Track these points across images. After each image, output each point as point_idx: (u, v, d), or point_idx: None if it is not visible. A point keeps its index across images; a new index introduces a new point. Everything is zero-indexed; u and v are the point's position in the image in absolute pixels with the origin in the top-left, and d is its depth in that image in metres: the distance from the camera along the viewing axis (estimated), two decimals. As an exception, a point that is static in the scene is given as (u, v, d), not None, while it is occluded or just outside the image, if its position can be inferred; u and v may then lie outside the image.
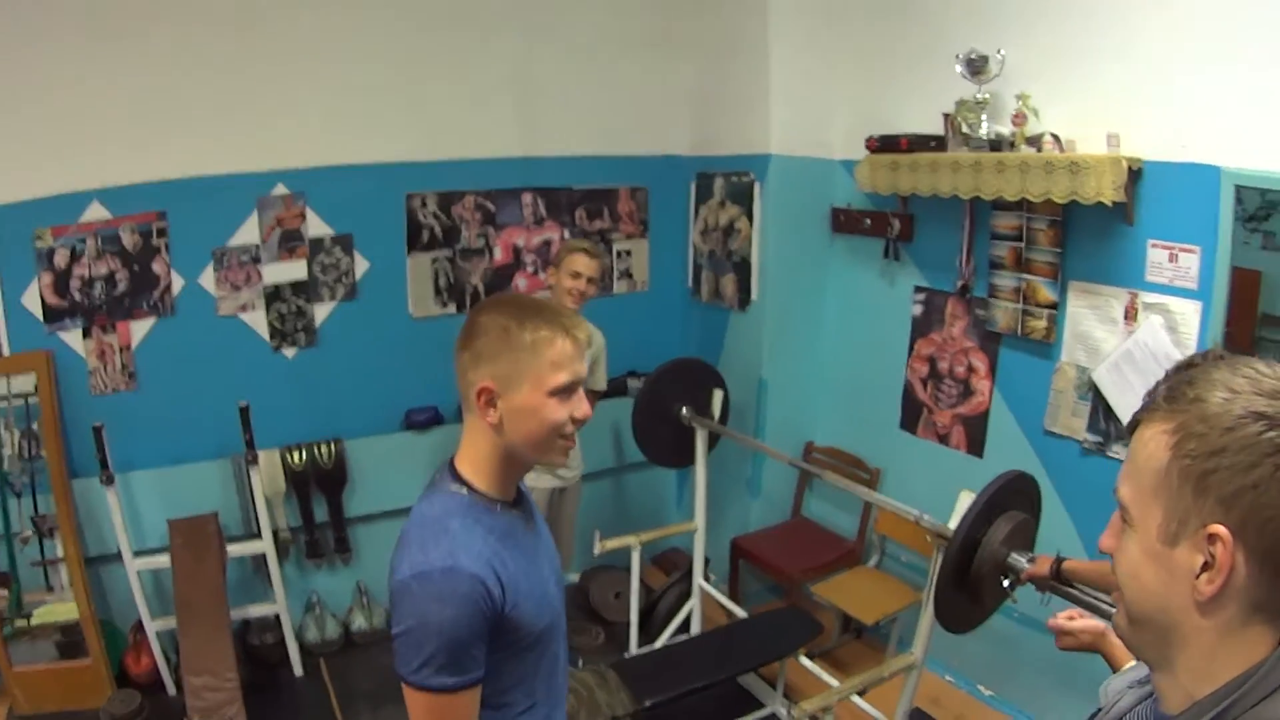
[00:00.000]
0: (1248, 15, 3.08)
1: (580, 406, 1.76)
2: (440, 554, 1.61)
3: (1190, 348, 3.37)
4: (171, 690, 4.09)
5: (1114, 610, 2.47)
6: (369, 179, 4.26)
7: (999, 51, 3.72)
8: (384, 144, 4.26)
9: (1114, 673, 2.08)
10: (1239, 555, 0.96)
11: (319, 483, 4.35)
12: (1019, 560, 2.81)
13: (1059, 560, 2.73)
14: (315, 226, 4.21)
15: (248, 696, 3.86)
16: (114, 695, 3.75)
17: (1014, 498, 2.97)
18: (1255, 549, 0.96)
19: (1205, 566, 0.99)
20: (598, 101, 4.82)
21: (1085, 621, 2.15)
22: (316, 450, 4.31)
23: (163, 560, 3.93)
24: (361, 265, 4.35)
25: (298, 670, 4.32)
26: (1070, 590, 2.73)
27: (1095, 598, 2.64)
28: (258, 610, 4.25)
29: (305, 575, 4.53)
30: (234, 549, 4.10)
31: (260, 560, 4.23)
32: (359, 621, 4.53)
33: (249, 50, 3.93)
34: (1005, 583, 2.86)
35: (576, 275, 3.95)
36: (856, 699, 3.63)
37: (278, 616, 4.26)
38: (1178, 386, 1.05)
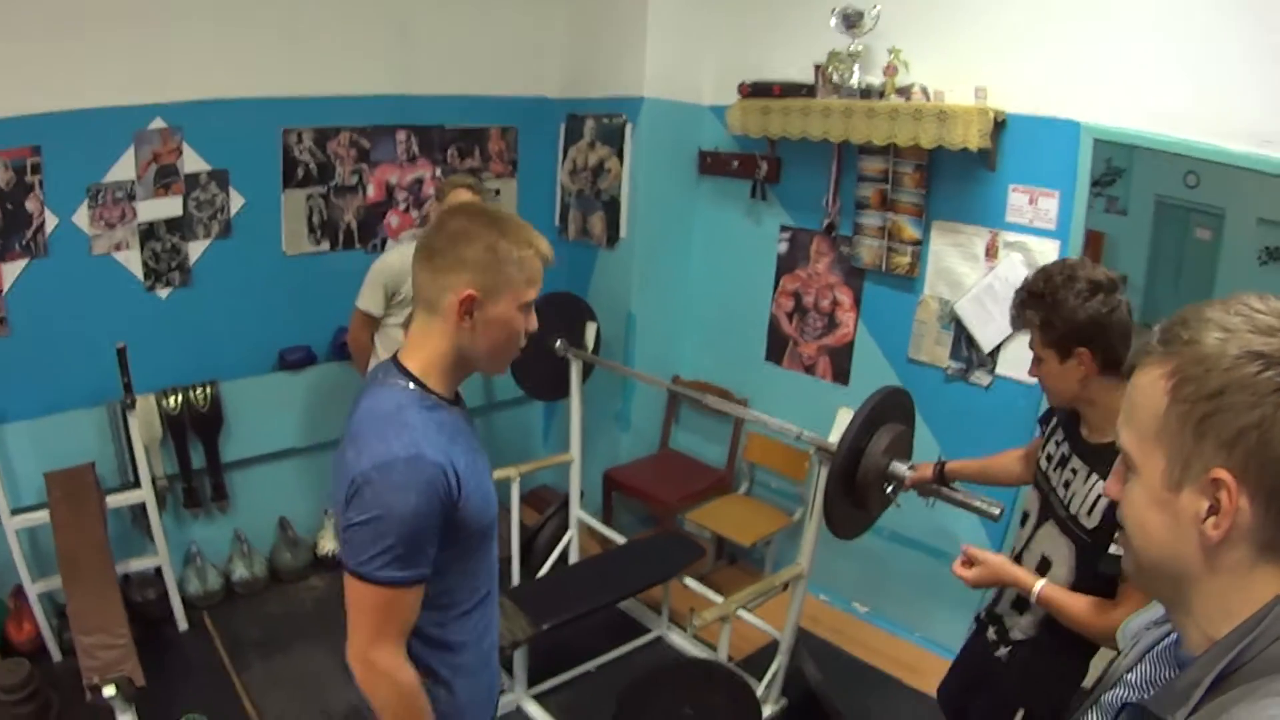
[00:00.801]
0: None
1: (532, 320, 1.92)
2: (402, 444, 1.70)
3: (1049, 283, 3.85)
4: (57, 655, 3.96)
5: (994, 509, 2.87)
6: (246, 113, 4.17)
7: (874, 8, 4.05)
8: (262, 78, 4.19)
9: (1029, 598, 2.38)
10: (1243, 497, 0.98)
11: (195, 427, 4.28)
12: (900, 468, 3.08)
13: (941, 464, 3.07)
14: (192, 162, 4.09)
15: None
16: (-1, 666, 3.63)
17: (892, 411, 3.22)
18: (1259, 490, 0.98)
19: (1211, 511, 1.01)
20: (473, 41, 4.87)
21: (987, 552, 2.47)
22: (192, 393, 4.23)
23: (41, 517, 3.77)
24: (237, 201, 4.27)
25: (182, 625, 4.26)
26: (953, 493, 3.06)
27: (978, 500, 2.98)
28: (138, 564, 4.15)
29: (183, 525, 4.45)
30: (112, 500, 3.97)
31: (139, 511, 4.12)
32: (240, 571, 4.49)
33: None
34: (889, 489, 3.14)
35: None
36: (745, 613, 3.94)
37: (159, 570, 4.18)
38: (1171, 328, 1.07)
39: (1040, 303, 2.24)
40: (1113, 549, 2.19)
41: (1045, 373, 2.32)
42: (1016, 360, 4.00)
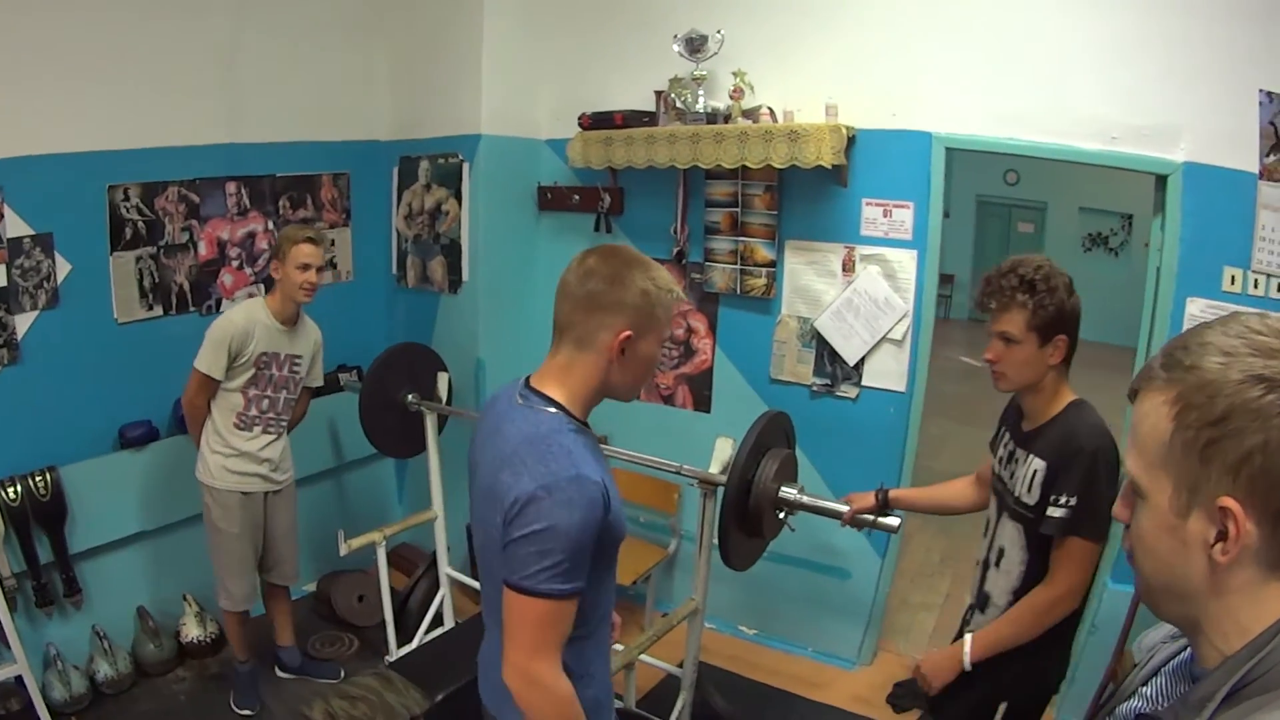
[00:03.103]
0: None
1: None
2: (563, 465, 1.91)
3: (909, 292, 4.35)
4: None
5: (893, 523, 3.19)
6: (70, 169, 4.11)
7: (718, 31, 4.44)
8: (86, 131, 4.14)
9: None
10: (1250, 522, 1.03)
11: (39, 519, 4.12)
12: (790, 492, 3.31)
13: (884, 491, 3.29)
14: (14, 225, 3.98)
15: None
16: None
17: (775, 435, 3.43)
18: (1265, 512, 1.03)
19: (1219, 536, 1.06)
20: (303, 85, 4.99)
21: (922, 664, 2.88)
22: (31, 482, 4.07)
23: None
24: (63, 268, 4.17)
25: None
26: (888, 520, 3.32)
27: (883, 517, 3.30)
28: (-5, 675, 3.89)
29: (38, 626, 4.25)
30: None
31: (-14, 618, 3.86)
32: (104, 669, 4.34)
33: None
34: (781, 515, 3.36)
35: (305, 267, 4.00)
36: (645, 656, 4.01)
37: (19, 678, 3.96)
38: (1172, 354, 1.13)
39: (1034, 289, 2.56)
40: (1051, 511, 2.54)
41: (1017, 356, 2.62)
42: (882, 371, 4.48)
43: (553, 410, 2.06)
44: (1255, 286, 3.75)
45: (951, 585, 5.99)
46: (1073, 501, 2.50)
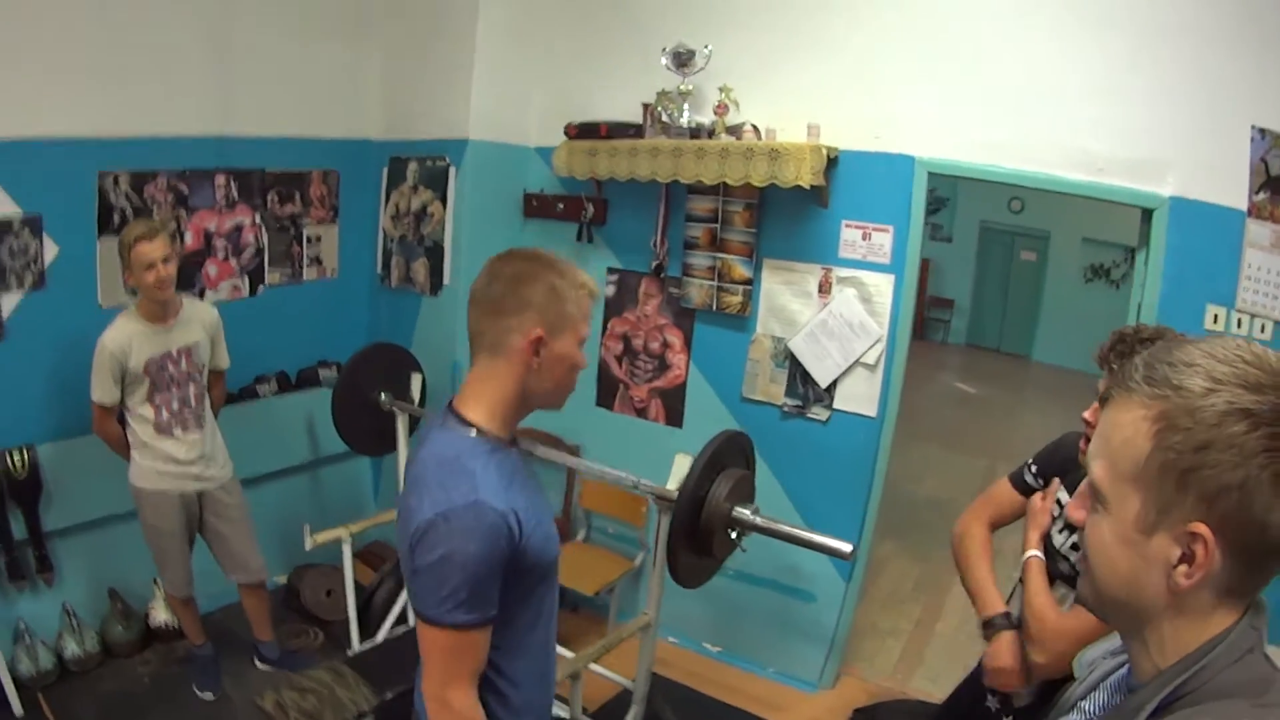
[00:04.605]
0: (937, 24, 4.22)
1: (582, 357, 2.13)
2: (463, 491, 1.88)
3: (884, 317, 4.47)
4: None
5: (845, 548, 3.25)
6: (61, 154, 4.26)
7: (706, 46, 4.58)
8: (79, 117, 4.29)
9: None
10: (1217, 550, 1.08)
11: (14, 495, 4.28)
12: (744, 513, 3.37)
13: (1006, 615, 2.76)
14: (4, 206, 4.14)
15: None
16: None
17: (732, 455, 3.50)
18: (1233, 544, 1.07)
19: (1183, 559, 1.10)
20: (295, 81, 5.14)
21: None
22: (9, 459, 4.23)
23: None
24: (51, 250, 4.32)
25: (16, 709, 4.22)
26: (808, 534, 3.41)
27: (831, 540, 3.35)
28: (-37, 647, 4.04)
29: (9, 601, 4.42)
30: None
31: (-41, 590, 4.02)
32: (72, 648, 4.50)
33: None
34: (734, 535, 3.42)
35: (151, 265, 3.94)
36: (595, 666, 4.15)
37: None
38: (1156, 368, 1.13)
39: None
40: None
41: None
42: (854, 395, 4.62)
43: (465, 431, 2.03)
44: (1239, 326, 3.82)
45: (923, 612, 6.10)
46: None
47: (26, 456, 4.33)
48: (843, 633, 4.97)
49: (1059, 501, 2.67)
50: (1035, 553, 2.59)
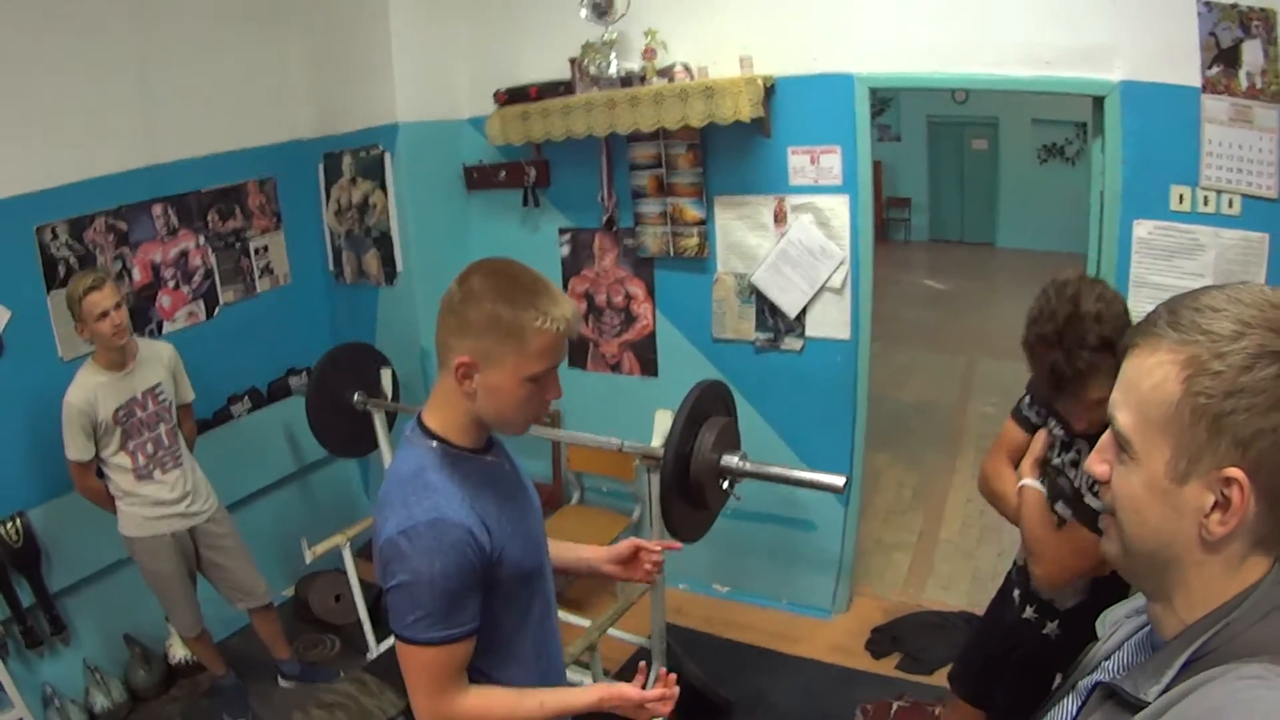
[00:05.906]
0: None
1: (553, 389, 2.01)
2: (424, 508, 1.87)
3: (843, 239, 4.53)
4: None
5: (838, 481, 3.28)
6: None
7: (625, -8, 4.56)
8: (8, 178, 4.27)
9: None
10: (1251, 496, 1.07)
11: (15, 564, 4.34)
12: (732, 460, 3.37)
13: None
14: None
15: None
16: None
17: (711, 404, 3.50)
18: (1266, 490, 1.07)
19: (1216, 506, 1.10)
20: (217, 94, 5.11)
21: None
22: (3, 529, 4.29)
23: None
24: (3, 316, 4.32)
25: None
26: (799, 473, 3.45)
27: (823, 475, 3.37)
28: (-4, 721, 4.17)
29: (31, 668, 4.48)
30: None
31: (-17, 668, 4.15)
32: (100, 701, 4.58)
33: None
34: (725, 484, 3.42)
35: (104, 315, 3.93)
36: (615, 631, 4.23)
37: None
38: (1181, 312, 1.13)
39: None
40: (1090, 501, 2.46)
41: None
42: (825, 320, 4.69)
43: (428, 443, 2.01)
44: (1205, 204, 3.83)
45: (925, 522, 6.23)
46: None
47: (19, 524, 4.39)
48: (848, 555, 5.09)
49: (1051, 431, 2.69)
50: (1028, 481, 2.63)
